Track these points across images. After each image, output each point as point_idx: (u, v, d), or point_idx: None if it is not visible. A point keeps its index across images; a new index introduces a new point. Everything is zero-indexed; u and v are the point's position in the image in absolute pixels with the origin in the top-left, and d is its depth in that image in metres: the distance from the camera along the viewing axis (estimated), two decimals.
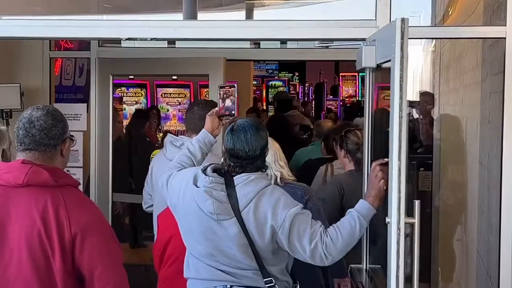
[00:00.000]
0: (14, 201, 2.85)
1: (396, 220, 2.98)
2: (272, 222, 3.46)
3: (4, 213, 2.85)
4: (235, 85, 4.11)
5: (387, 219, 3.04)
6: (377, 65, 3.71)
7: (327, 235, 3.46)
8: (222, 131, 4.03)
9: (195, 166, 3.85)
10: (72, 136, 3.09)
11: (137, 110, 10.15)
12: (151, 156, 6.84)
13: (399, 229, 2.97)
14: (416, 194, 6.89)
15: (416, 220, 3.08)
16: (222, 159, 3.69)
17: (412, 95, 16.97)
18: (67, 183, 2.94)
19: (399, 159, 2.97)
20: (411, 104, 8.74)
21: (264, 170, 3.70)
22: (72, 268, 2.90)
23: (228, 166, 3.60)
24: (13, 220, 2.83)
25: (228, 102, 4.05)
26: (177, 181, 3.72)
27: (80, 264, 2.90)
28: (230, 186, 3.50)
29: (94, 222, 2.91)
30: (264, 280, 3.53)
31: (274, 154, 4.17)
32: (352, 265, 4.18)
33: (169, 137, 5.02)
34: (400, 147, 2.98)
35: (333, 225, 3.52)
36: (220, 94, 4.08)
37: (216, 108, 4.09)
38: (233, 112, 4.06)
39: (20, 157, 2.95)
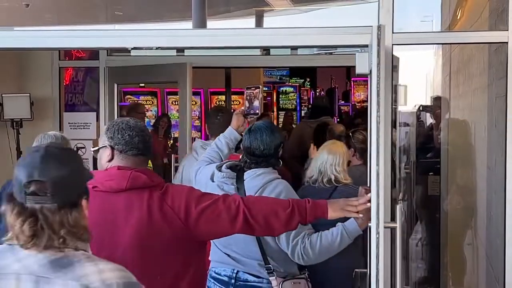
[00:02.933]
0: (119, 204, 2.99)
1: (375, 224, 2.97)
2: None
3: (112, 216, 2.98)
4: (260, 86, 4.47)
5: (369, 223, 3.05)
6: (371, 71, 3.69)
7: (308, 238, 3.71)
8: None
9: (222, 160, 4.27)
10: None
11: None
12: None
13: (378, 233, 2.96)
14: (423, 198, 6.90)
15: (397, 224, 3.08)
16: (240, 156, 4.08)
17: (425, 99, 16.93)
18: (159, 182, 3.07)
19: (377, 164, 2.97)
20: (424, 108, 8.73)
21: (277, 166, 4.01)
22: (185, 254, 3.07)
23: (244, 162, 3.96)
24: (121, 222, 2.96)
25: (252, 103, 4.44)
26: (202, 176, 4.12)
27: (204, 236, 3.13)
28: (240, 181, 3.86)
29: (192, 199, 3.04)
30: (265, 266, 3.85)
31: (334, 158, 4.54)
32: (357, 270, 4.20)
33: (198, 142, 5.40)
34: (378, 152, 2.97)
35: (318, 232, 3.74)
36: (246, 94, 4.45)
37: (242, 108, 4.50)
38: (257, 111, 4.43)
39: (115, 164, 3.08)
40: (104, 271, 2.12)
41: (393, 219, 3.23)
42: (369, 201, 3.16)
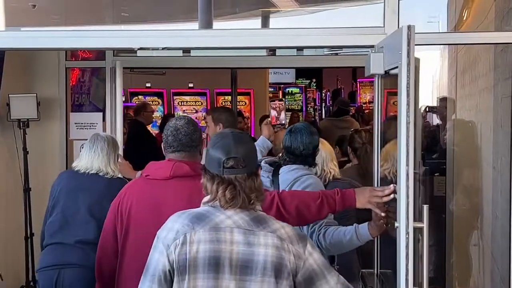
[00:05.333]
0: (166, 190, 3.44)
1: (405, 225, 3.00)
2: None
3: (160, 201, 3.42)
4: (283, 99, 5.08)
5: (396, 224, 3.07)
6: (385, 71, 3.72)
7: (325, 228, 3.93)
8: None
9: None
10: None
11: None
12: None
13: (407, 233, 2.99)
14: (429, 199, 6.89)
15: (424, 224, 3.10)
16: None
17: (432, 100, 16.90)
18: None
19: (407, 164, 2.99)
20: (431, 109, 8.73)
21: (312, 166, 4.35)
22: None
23: (284, 160, 4.31)
24: (167, 206, 3.29)
25: (279, 114, 5.07)
26: None
27: None
28: (275, 174, 4.24)
29: None
30: None
31: (330, 154, 4.82)
32: (363, 270, 4.22)
33: None
34: (407, 152, 3.00)
35: (336, 226, 3.93)
36: (271, 106, 5.05)
37: (269, 119, 5.15)
38: (283, 122, 5.10)
39: (168, 157, 3.59)
40: (284, 227, 2.82)
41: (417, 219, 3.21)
42: (393, 192, 3.36)
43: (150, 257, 2.83)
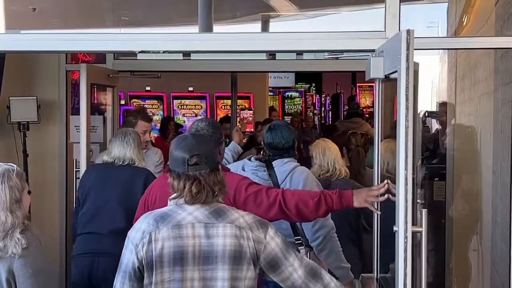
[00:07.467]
0: None
1: (403, 229, 3.01)
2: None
3: None
4: (252, 108, 5.51)
5: (395, 228, 3.07)
6: (386, 75, 3.72)
7: (329, 241, 4.42)
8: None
9: None
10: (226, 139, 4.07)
11: None
12: None
13: (406, 237, 3.00)
14: (429, 204, 6.90)
15: (423, 229, 3.10)
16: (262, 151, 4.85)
17: (431, 105, 16.90)
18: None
19: (406, 169, 3.00)
20: (430, 114, 8.72)
21: (296, 157, 4.69)
22: None
23: (268, 156, 4.61)
24: None
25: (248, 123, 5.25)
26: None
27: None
28: (270, 168, 4.52)
29: (242, 185, 3.72)
30: (295, 238, 4.45)
31: (337, 152, 5.20)
32: (363, 274, 4.22)
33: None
34: (406, 156, 3.01)
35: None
36: (241, 116, 5.42)
37: (239, 125, 5.76)
38: (252, 130, 5.33)
39: None
40: (244, 216, 3.05)
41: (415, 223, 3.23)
42: (387, 191, 3.53)
43: (122, 256, 3.04)
